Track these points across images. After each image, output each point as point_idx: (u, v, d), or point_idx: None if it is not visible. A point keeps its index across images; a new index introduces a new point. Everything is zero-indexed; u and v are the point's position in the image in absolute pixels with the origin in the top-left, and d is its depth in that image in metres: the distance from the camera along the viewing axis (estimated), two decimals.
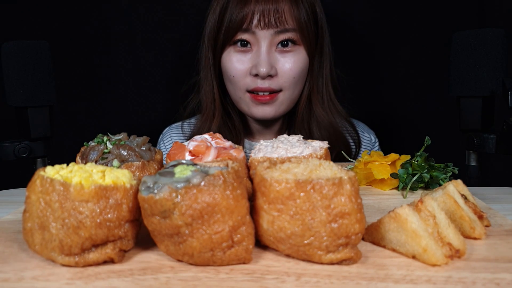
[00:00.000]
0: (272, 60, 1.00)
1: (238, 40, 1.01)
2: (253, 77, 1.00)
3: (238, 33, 0.99)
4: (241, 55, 1.01)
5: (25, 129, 0.85)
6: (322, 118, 1.08)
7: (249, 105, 1.05)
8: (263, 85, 1.00)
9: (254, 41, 1.00)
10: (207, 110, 1.10)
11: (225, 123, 1.11)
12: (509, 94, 0.72)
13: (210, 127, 1.09)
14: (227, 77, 1.05)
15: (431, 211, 0.44)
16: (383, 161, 0.71)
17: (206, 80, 1.10)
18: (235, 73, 1.02)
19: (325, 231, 0.40)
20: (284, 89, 1.02)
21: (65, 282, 0.39)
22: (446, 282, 0.38)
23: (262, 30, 0.97)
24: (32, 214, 0.41)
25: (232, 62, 1.02)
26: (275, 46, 1.00)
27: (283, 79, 1.01)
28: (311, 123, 1.10)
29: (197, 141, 0.61)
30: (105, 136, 0.63)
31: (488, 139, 0.82)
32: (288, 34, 0.99)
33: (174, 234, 0.40)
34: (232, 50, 1.02)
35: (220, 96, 1.10)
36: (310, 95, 1.09)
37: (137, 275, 0.40)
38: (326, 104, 1.09)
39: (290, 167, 0.45)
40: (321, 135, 1.09)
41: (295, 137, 0.66)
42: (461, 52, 0.84)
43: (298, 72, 1.02)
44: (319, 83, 1.08)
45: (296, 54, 1.01)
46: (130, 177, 0.44)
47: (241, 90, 1.03)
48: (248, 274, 0.40)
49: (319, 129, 1.09)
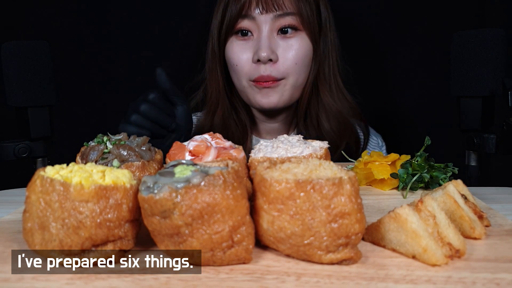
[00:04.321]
0: (273, 45, 0.99)
1: (240, 29, 1.01)
2: (255, 65, 1.00)
3: (239, 20, 1.00)
4: (243, 43, 1.02)
5: (25, 129, 0.85)
6: (330, 107, 1.07)
7: (253, 93, 1.04)
8: (265, 73, 0.99)
9: (255, 27, 1.00)
10: (211, 100, 1.10)
11: (230, 116, 1.10)
12: (509, 94, 0.71)
13: (213, 118, 1.09)
14: (230, 66, 1.06)
15: (431, 211, 0.44)
16: (383, 161, 0.71)
17: (211, 72, 1.10)
18: (238, 61, 1.02)
19: (325, 231, 0.40)
20: (287, 76, 1.01)
21: (65, 282, 0.39)
22: (446, 282, 0.38)
23: (262, 15, 0.98)
24: (32, 214, 0.41)
25: (234, 51, 1.03)
26: (275, 31, 1.00)
27: (285, 66, 1.00)
28: (319, 112, 1.08)
29: (197, 141, 0.61)
30: (105, 136, 0.63)
31: (488, 139, 0.82)
32: (288, 19, 0.99)
33: (174, 234, 0.40)
34: (235, 40, 1.03)
35: (225, 88, 1.10)
36: (317, 83, 1.07)
37: (137, 275, 0.40)
38: (335, 92, 1.07)
39: (290, 167, 0.45)
40: (330, 124, 1.07)
41: (295, 137, 0.66)
42: (461, 52, 0.84)
43: (301, 58, 1.01)
44: (325, 71, 1.06)
45: (298, 40, 1.01)
46: (130, 177, 0.44)
47: (244, 78, 1.03)
48: (248, 274, 0.40)
49: (327, 118, 1.07)
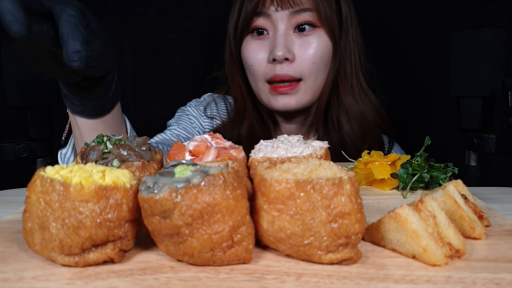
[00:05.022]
0: (289, 43, 0.95)
1: (255, 28, 0.97)
2: (271, 65, 0.96)
3: (254, 18, 0.96)
4: (258, 43, 0.98)
5: (25, 129, 0.85)
6: (352, 108, 1.01)
7: (268, 97, 1.00)
8: (281, 72, 0.94)
9: (271, 25, 0.96)
10: (237, 107, 1.07)
11: (255, 122, 1.07)
12: (509, 94, 0.72)
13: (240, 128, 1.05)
14: (247, 67, 1.02)
15: (431, 211, 0.44)
16: (383, 161, 0.71)
17: (231, 75, 1.07)
18: (254, 61, 0.98)
19: (325, 231, 0.40)
20: (304, 77, 0.97)
21: (65, 282, 0.39)
22: (446, 282, 0.38)
23: (277, 12, 0.94)
24: (32, 214, 0.41)
25: (249, 51, 0.99)
26: (292, 29, 0.95)
27: (302, 65, 0.95)
28: (339, 114, 1.02)
29: (197, 141, 0.61)
30: (105, 136, 0.63)
31: (488, 139, 0.82)
32: (305, 15, 0.94)
33: (174, 234, 0.40)
34: (250, 39, 0.99)
35: (248, 91, 1.06)
36: (338, 84, 1.02)
37: (137, 275, 0.40)
38: (357, 93, 1.01)
39: (290, 167, 0.45)
40: (351, 127, 1.01)
41: (295, 137, 0.66)
42: (461, 52, 0.84)
43: (319, 56, 0.96)
44: (346, 70, 1.00)
45: (315, 37, 0.95)
46: (130, 177, 0.44)
47: (260, 80, 0.99)
48: (248, 274, 0.40)
49: (348, 120, 1.01)
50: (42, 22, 0.54)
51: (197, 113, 1.14)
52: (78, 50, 0.53)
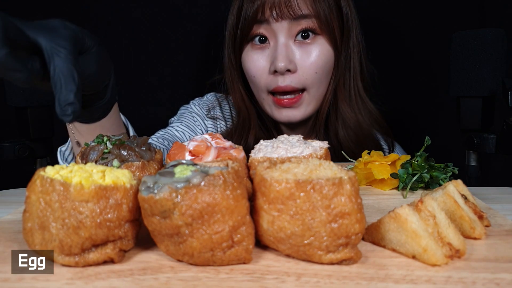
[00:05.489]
0: (290, 53, 0.93)
1: (255, 35, 0.95)
2: (272, 76, 0.94)
3: (254, 26, 0.94)
4: (259, 53, 0.96)
5: (25, 129, 0.85)
6: (348, 117, 0.99)
7: (272, 108, 0.99)
8: (283, 83, 0.93)
9: (271, 35, 0.94)
10: (241, 118, 1.06)
11: (261, 132, 1.05)
12: (509, 94, 0.72)
13: (247, 139, 1.03)
14: (248, 77, 1.01)
15: (431, 211, 0.44)
16: (383, 161, 0.71)
17: (231, 84, 1.05)
18: (255, 72, 0.97)
19: (325, 231, 0.40)
20: (307, 87, 0.95)
21: (65, 282, 0.39)
22: (446, 282, 0.38)
23: (277, 22, 0.92)
24: (32, 214, 0.41)
25: (250, 61, 0.97)
26: (293, 38, 0.93)
27: (304, 75, 0.93)
28: (336, 121, 1.01)
29: (197, 141, 0.61)
30: (105, 136, 0.63)
31: (488, 139, 0.82)
32: (305, 23, 0.91)
33: (174, 234, 0.40)
34: (250, 49, 0.97)
35: (250, 100, 1.04)
36: (336, 91, 1.00)
37: (137, 275, 0.40)
38: (354, 101, 1.00)
39: (290, 167, 0.45)
40: (347, 136, 1.00)
41: (295, 137, 0.66)
42: (461, 52, 0.84)
43: (321, 66, 0.94)
44: (345, 77, 0.99)
45: (317, 46, 0.93)
46: (130, 177, 0.44)
47: (262, 90, 0.98)
48: (248, 274, 0.40)
49: (345, 129, 1.00)
50: (31, 59, 0.48)
51: (201, 112, 1.14)
52: (71, 102, 0.47)
